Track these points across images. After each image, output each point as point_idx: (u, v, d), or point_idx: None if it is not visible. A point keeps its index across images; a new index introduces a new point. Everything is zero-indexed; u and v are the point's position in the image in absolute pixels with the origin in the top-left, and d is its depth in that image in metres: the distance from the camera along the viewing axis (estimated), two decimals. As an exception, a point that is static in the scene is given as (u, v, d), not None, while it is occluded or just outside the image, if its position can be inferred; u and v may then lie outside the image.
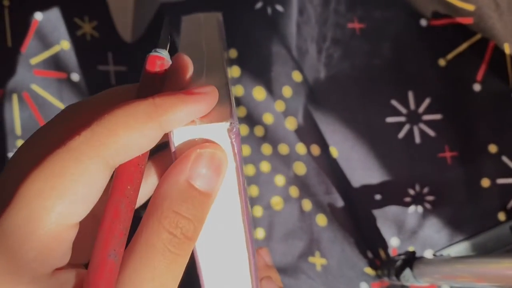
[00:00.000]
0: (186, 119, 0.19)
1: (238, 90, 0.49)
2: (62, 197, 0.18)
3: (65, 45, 0.51)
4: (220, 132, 0.20)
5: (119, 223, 0.19)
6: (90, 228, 0.20)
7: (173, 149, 0.20)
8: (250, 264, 0.23)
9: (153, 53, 0.21)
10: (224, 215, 0.22)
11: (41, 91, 0.50)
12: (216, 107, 0.20)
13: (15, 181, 0.18)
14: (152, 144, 0.19)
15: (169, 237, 0.19)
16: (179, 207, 0.19)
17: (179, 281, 0.19)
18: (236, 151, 0.20)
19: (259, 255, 0.32)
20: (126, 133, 0.18)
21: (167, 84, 0.22)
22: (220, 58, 0.26)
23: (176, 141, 0.20)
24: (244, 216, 0.22)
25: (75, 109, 0.22)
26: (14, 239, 0.17)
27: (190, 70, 0.22)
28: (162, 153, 0.25)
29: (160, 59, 0.21)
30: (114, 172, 0.19)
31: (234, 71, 0.50)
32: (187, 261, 0.19)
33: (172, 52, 0.22)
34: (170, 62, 0.22)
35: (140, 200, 0.25)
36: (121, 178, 0.19)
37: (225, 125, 0.20)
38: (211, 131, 0.20)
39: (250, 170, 0.49)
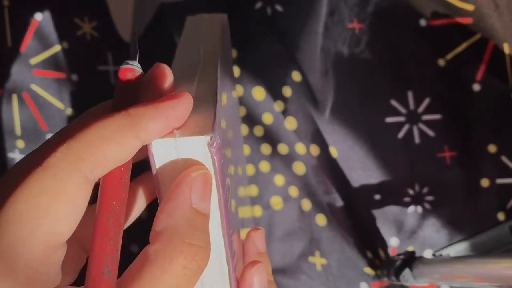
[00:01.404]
0: (162, 128, 0.19)
1: (238, 90, 0.49)
2: (45, 217, 0.17)
3: (65, 45, 0.51)
4: (200, 146, 0.19)
5: (109, 239, 0.18)
6: (74, 247, 0.20)
7: (153, 164, 0.20)
8: (230, 279, 0.23)
9: (123, 66, 0.21)
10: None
11: (40, 91, 0.50)
12: (199, 117, 0.20)
13: None
14: (130, 155, 0.19)
15: (184, 272, 0.18)
16: (191, 237, 0.19)
17: None
18: (216, 165, 0.20)
19: (251, 240, 0.30)
20: (102, 145, 0.18)
21: (144, 95, 0.21)
22: (215, 65, 0.25)
23: (156, 154, 0.20)
24: (224, 230, 0.22)
25: (57, 134, 0.21)
26: (1, 267, 0.17)
27: (168, 79, 0.22)
28: (146, 174, 0.25)
29: (130, 70, 0.21)
30: (99, 189, 0.19)
31: (234, 71, 0.50)
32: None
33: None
34: (141, 72, 0.21)
35: (129, 220, 0.25)
36: (105, 195, 0.19)
37: (205, 139, 0.19)
38: (190, 145, 0.19)
39: (249, 170, 0.49)
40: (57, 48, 0.51)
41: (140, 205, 0.26)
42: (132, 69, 0.21)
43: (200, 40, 0.28)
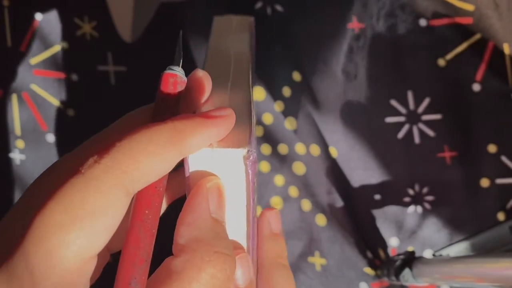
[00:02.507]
0: (204, 143, 0.19)
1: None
2: (82, 229, 0.17)
3: (65, 45, 0.51)
4: (236, 158, 0.19)
5: (139, 249, 0.18)
6: (102, 255, 0.20)
7: (187, 173, 0.20)
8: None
9: (167, 71, 0.21)
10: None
11: (40, 91, 0.50)
12: (235, 129, 0.20)
13: (32, 210, 0.17)
14: (170, 169, 0.19)
15: (212, 281, 0.18)
16: (217, 246, 0.18)
17: None
18: (250, 179, 0.20)
19: (265, 220, 0.27)
20: (147, 160, 0.18)
21: (183, 102, 0.21)
22: (246, 70, 0.25)
23: (192, 162, 0.20)
24: (249, 242, 0.22)
25: (97, 138, 0.21)
26: (35, 274, 0.17)
27: (207, 87, 0.22)
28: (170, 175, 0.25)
29: (173, 76, 0.21)
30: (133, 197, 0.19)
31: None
32: None
33: (186, 62, 0.22)
34: (184, 79, 0.21)
35: None
36: (139, 203, 0.19)
37: (242, 151, 0.19)
38: (227, 156, 0.19)
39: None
40: (57, 48, 0.51)
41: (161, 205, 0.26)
42: (175, 74, 0.21)
43: (230, 44, 0.28)
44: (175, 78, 0.21)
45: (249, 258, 0.22)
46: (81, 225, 0.17)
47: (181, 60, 0.22)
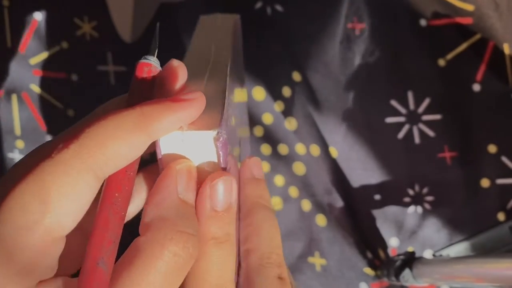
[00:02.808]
0: (173, 127, 0.19)
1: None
2: (50, 211, 0.17)
3: (65, 45, 0.51)
4: (206, 140, 0.20)
5: (107, 231, 0.18)
6: (78, 239, 0.20)
7: (159, 156, 0.20)
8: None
9: (141, 60, 0.21)
10: None
11: (40, 91, 0.50)
12: (207, 114, 0.20)
13: (5, 192, 0.18)
14: (140, 153, 0.19)
15: (175, 259, 0.18)
16: (181, 225, 0.19)
17: None
18: (221, 160, 0.20)
19: (246, 167, 0.27)
20: (114, 144, 0.18)
21: (157, 91, 0.22)
22: (226, 63, 0.26)
23: (163, 145, 0.20)
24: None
25: (72, 128, 0.22)
26: (0, 252, 0.17)
27: (182, 76, 0.22)
28: (152, 167, 0.25)
29: (148, 65, 0.21)
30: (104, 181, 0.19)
31: (234, 71, 0.50)
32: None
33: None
34: (159, 69, 0.21)
35: (132, 212, 0.25)
36: (109, 187, 0.19)
37: (212, 133, 0.19)
38: (197, 138, 0.20)
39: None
40: (57, 48, 0.51)
41: (142, 198, 0.26)
42: (150, 63, 0.21)
43: (212, 39, 0.29)
44: (149, 67, 0.21)
45: (234, 182, 0.21)
46: (48, 207, 0.17)
47: (156, 51, 0.22)
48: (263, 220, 0.25)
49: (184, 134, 0.20)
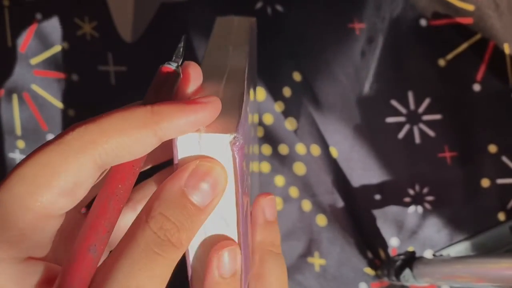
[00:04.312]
0: (185, 129, 0.19)
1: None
2: (44, 186, 0.18)
3: (65, 45, 0.51)
4: (223, 144, 0.20)
5: (104, 219, 0.19)
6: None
7: (175, 156, 0.20)
8: (242, 281, 0.23)
9: (163, 65, 0.21)
10: (219, 229, 0.22)
11: (41, 91, 0.50)
12: (225, 117, 0.20)
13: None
14: (146, 151, 0.19)
15: (153, 236, 0.19)
16: (166, 211, 0.19)
17: (161, 285, 0.19)
18: (237, 164, 0.20)
19: (259, 207, 0.27)
20: (117, 135, 0.18)
21: (175, 95, 0.22)
22: (243, 67, 0.26)
23: (180, 147, 0.20)
24: (239, 228, 0.22)
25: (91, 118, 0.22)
26: None
27: (197, 78, 0.22)
28: (164, 171, 0.25)
29: (169, 70, 0.21)
30: (107, 172, 0.20)
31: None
32: (171, 267, 0.19)
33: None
34: (180, 75, 0.22)
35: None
36: (113, 177, 0.19)
37: (228, 137, 0.19)
38: (213, 142, 0.20)
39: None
40: (57, 48, 0.51)
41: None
42: (171, 68, 0.21)
43: (229, 41, 0.29)
44: (170, 73, 0.21)
45: (238, 251, 0.22)
46: (43, 181, 0.18)
47: (181, 60, 0.22)
48: (273, 270, 0.26)
49: (201, 137, 0.20)
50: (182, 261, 0.21)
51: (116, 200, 0.19)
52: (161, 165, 0.24)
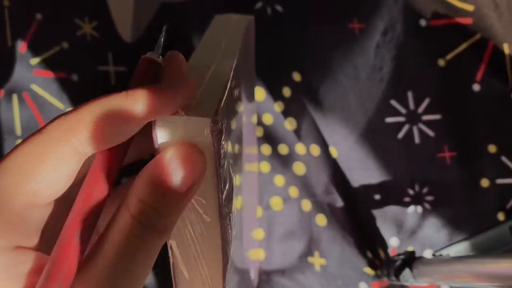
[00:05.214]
0: (160, 109, 0.19)
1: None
2: (29, 175, 0.18)
3: (65, 45, 0.51)
4: (201, 127, 0.20)
5: (90, 206, 0.19)
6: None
7: (155, 141, 0.20)
8: (223, 267, 0.23)
9: (144, 55, 0.22)
10: (199, 213, 0.22)
11: (41, 91, 0.50)
12: (207, 103, 0.21)
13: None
14: (126, 136, 0.20)
15: (134, 223, 0.19)
16: (147, 197, 0.19)
17: (144, 272, 0.19)
18: (215, 149, 0.20)
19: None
20: (96, 122, 0.19)
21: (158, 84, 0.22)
22: (233, 57, 0.26)
23: (159, 131, 0.20)
24: (217, 212, 0.22)
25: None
26: None
27: (180, 65, 0.22)
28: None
29: (149, 59, 0.21)
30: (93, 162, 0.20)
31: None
32: (153, 254, 0.19)
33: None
34: (161, 65, 0.22)
35: None
36: (97, 165, 0.19)
37: (207, 120, 0.19)
38: (193, 126, 0.20)
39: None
40: (57, 48, 0.51)
41: None
42: (152, 59, 0.22)
43: (223, 37, 0.29)
44: (151, 63, 0.22)
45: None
46: (27, 170, 0.18)
47: (160, 49, 0.23)
48: None
49: (180, 121, 0.20)
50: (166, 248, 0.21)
51: (102, 185, 0.19)
52: (151, 158, 0.24)
